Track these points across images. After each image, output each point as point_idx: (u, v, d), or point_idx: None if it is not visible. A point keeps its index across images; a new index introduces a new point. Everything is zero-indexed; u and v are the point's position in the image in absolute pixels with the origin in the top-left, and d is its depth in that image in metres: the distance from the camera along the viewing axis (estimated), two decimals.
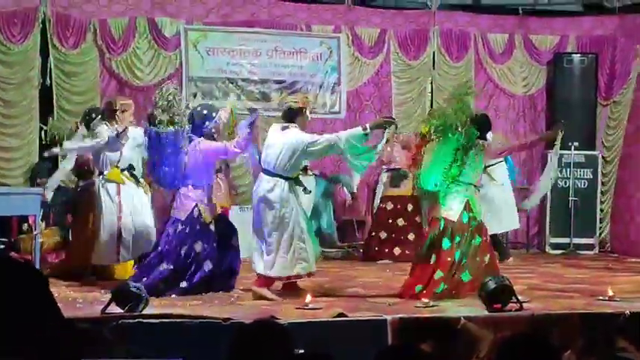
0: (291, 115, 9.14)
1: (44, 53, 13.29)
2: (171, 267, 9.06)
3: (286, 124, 9.12)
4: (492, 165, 11.73)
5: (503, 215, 12.40)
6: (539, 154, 14.53)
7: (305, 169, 12.33)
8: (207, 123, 9.31)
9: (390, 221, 12.94)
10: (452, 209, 9.09)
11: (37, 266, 9.13)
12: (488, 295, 7.97)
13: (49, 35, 13.26)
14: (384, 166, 13.10)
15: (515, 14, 15.45)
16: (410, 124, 14.67)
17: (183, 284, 9.07)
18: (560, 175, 14.17)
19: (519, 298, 8.07)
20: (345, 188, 14.04)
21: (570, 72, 14.93)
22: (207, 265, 9.18)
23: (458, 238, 8.99)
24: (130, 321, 7.11)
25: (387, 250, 12.84)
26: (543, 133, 9.70)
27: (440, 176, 9.06)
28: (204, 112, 9.41)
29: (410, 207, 12.84)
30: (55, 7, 13.30)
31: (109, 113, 10.11)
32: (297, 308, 8.03)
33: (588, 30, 15.54)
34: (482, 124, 9.52)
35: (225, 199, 12.41)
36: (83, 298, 8.69)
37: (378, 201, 13.18)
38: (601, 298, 8.79)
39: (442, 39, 15.18)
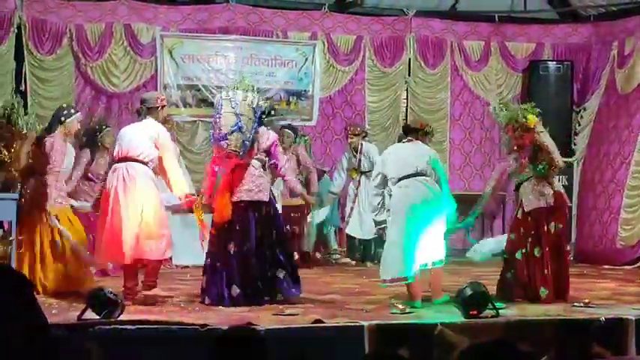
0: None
1: (19, 58, 13.21)
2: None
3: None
4: None
5: None
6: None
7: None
8: None
9: None
10: None
11: None
12: (465, 302, 7.98)
13: (24, 40, 13.18)
14: None
15: (492, 21, 15.48)
16: (382, 133, 14.74)
17: None
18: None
19: (495, 304, 8.10)
20: None
21: (546, 79, 14.94)
22: None
23: None
24: (107, 327, 7.08)
25: None
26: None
27: None
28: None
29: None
30: (31, 11, 13.20)
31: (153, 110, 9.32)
32: (274, 314, 8.02)
33: (563, 37, 15.58)
34: None
35: None
36: (59, 303, 8.66)
37: None
38: (577, 304, 8.83)
39: (418, 46, 15.19)
